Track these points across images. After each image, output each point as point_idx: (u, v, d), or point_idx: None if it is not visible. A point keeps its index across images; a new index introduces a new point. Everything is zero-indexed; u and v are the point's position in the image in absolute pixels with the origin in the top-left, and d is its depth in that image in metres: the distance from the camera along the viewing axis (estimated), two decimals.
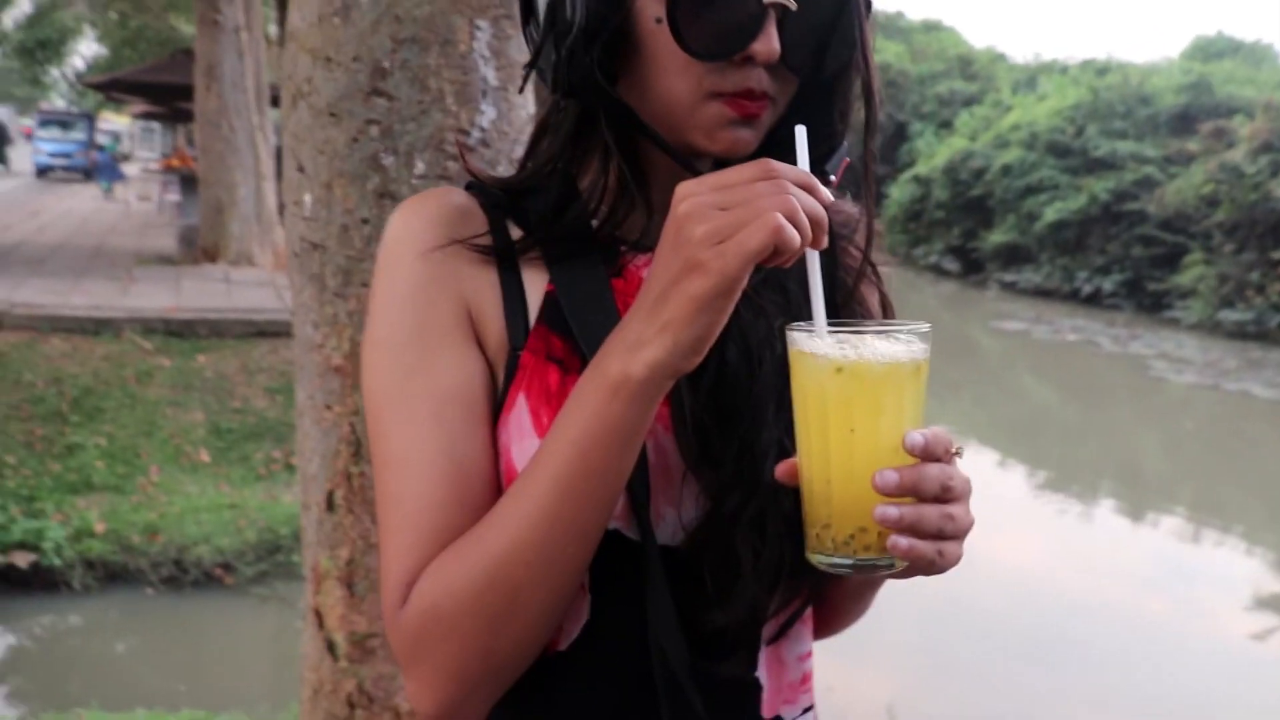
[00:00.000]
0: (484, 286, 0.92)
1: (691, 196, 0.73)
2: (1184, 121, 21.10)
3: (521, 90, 1.32)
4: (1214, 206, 18.54)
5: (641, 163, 0.93)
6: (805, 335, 0.77)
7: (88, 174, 31.13)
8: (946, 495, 0.76)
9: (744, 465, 0.87)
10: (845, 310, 0.99)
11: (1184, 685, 5.35)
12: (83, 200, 24.12)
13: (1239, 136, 18.71)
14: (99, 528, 5.31)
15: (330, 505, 1.47)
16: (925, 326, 0.78)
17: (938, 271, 24.40)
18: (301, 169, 1.44)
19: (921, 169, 26.38)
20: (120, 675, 4.70)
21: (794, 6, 0.84)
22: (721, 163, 0.89)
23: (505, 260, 0.93)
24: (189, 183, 14.35)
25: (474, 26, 1.41)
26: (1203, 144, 19.62)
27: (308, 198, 1.43)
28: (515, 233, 0.95)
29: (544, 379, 0.89)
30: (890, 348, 0.76)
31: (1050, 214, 21.38)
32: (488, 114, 1.40)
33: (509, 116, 1.42)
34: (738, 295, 0.72)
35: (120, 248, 14.42)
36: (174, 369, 8.06)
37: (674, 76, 0.86)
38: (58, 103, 43.93)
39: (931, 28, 36.91)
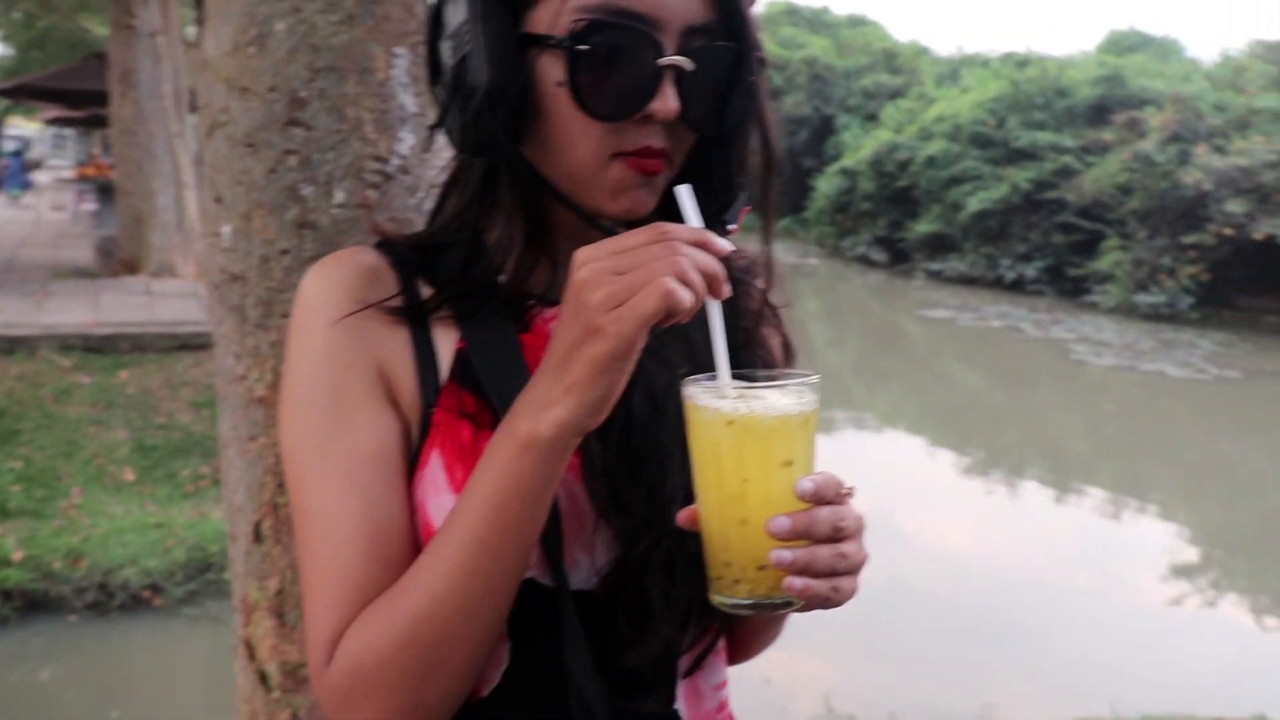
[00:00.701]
0: (396, 346, 0.94)
1: (589, 262, 0.76)
2: (1099, 113, 21.56)
3: (428, 149, 1.33)
4: (1128, 194, 18.99)
5: (547, 217, 0.96)
6: (699, 390, 0.80)
7: None
8: (838, 535, 0.80)
9: (652, 510, 0.89)
10: (746, 354, 1.00)
11: (1110, 651, 5.54)
12: None
13: (1150, 127, 19.18)
14: (16, 555, 5.14)
15: (258, 536, 1.46)
16: (814, 378, 0.82)
17: (865, 262, 24.67)
18: (219, 199, 1.42)
19: (848, 162, 26.64)
20: (47, 707, 4.57)
21: (690, 66, 0.86)
22: (627, 225, 0.90)
23: (416, 319, 0.95)
24: (106, 192, 14.03)
25: (391, 54, 1.40)
26: (1117, 134, 20.08)
27: (226, 228, 1.41)
28: (425, 290, 0.97)
29: (456, 435, 0.91)
30: (780, 400, 0.79)
31: (974, 204, 21.73)
32: (407, 141, 1.40)
33: (429, 143, 1.42)
34: (636, 356, 0.75)
35: (33, 261, 13.95)
36: (94, 386, 7.88)
37: (577, 138, 0.89)
38: None
39: (856, 22, 37.28)
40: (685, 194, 0.82)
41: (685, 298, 0.72)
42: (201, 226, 1.51)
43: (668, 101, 0.86)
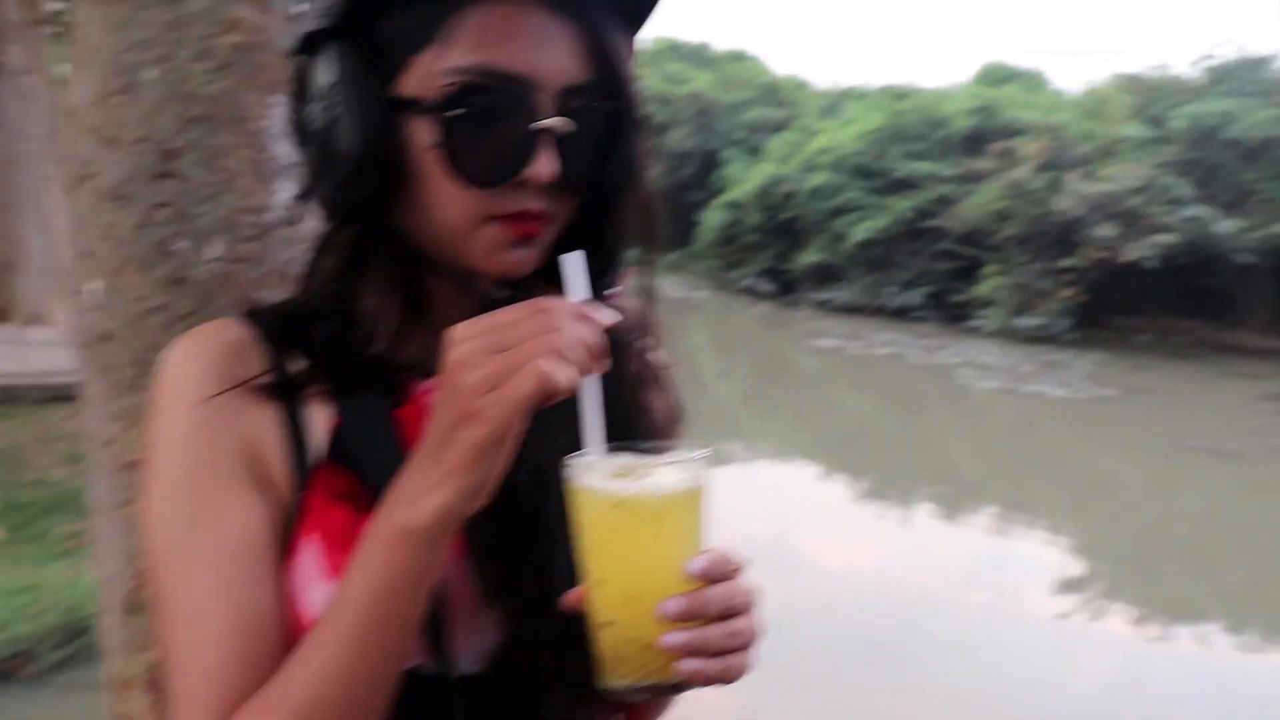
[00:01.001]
0: (265, 427, 0.89)
1: (464, 341, 0.72)
2: (975, 142, 22.23)
3: (295, 223, 1.28)
4: (1005, 221, 19.61)
5: (422, 285, 0.93)
6: (582, 469, 0.77)
7: None
8: (731, 613, 0.77)
9: (539, 589, 0.86)
10: (632, 420, 0.97)
11: (1005, 667, 5.66)
12: None
13: (1023, 156, 19.86)
14: None
15: (132, 607, 1.39)
16: (702, 452, 0.80)
17: (753, 294, 24.95)
18: (87, 254, 1.35)
19: (733, 195, 26.96)
20: None
21: (568, 129, 0.84)
22: (507, 283, 0.90)
23: (287, 397, 0.90)
24: None
25: (267, 103, 1.36)
26: (993, 163, 20.72)
27: (95, 285, 1.34)
28: (296, 364, 0.92)
29: (332, 519, 0.86)
30: (666, 478, 0.77)
31: (858, 233, 22.17)
32: (285, 192, 1.34)
33: None
34: (515, 439, 0.73)
35: None
36: None
37: (450, 201, 0.85)
38: None
39: (738, 57, 37.86)
40: (573, 263, 0.79)
41: (563, 378, 0.70)
42: (70, 283, 1.43)
43: (546, 165, 0.84)
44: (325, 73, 0.85)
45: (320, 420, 0.90)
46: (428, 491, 0.73)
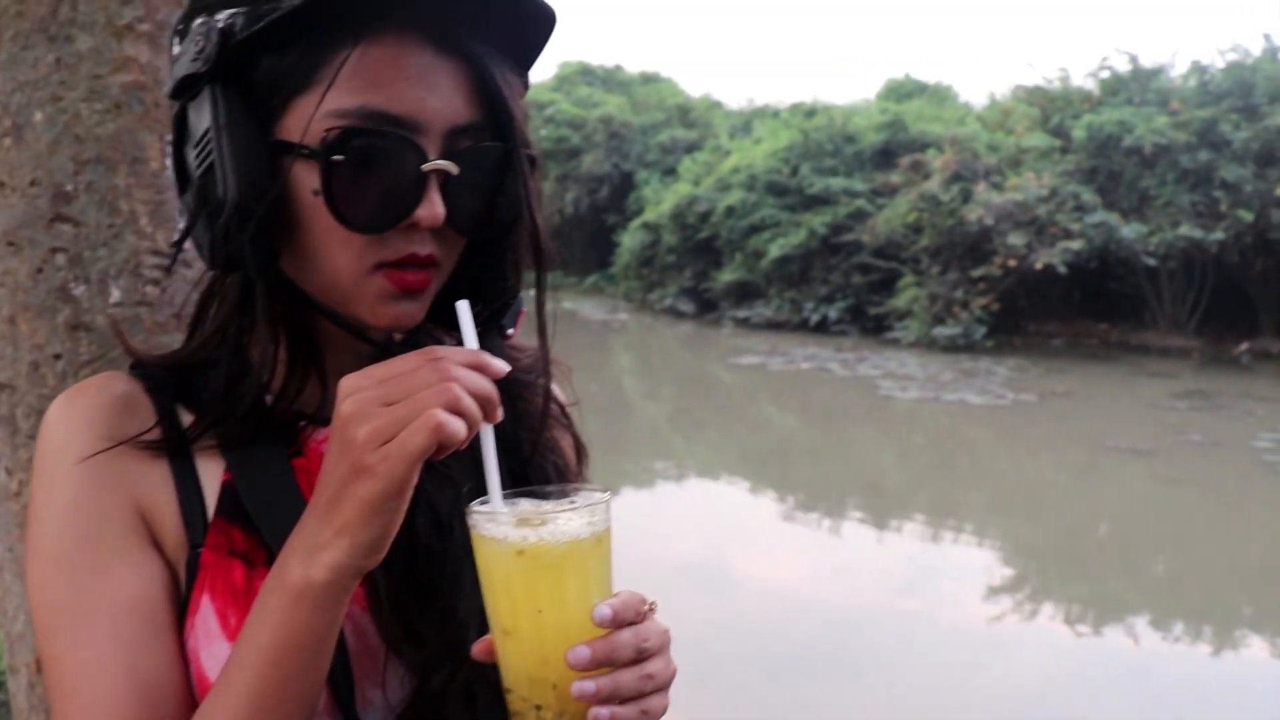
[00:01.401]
0: (155, 483, 0.87)
1: (354, 393, 0.71)
2: (885, 157, 22.64)
3: (170, 271, 1.24)
4: (919, 233, 19.97)
5: (313, 331, 0.91)
6: (484, 518, 0.76)
7: None
8: (642, 656, 0.76)
9: (447, 638, 0.85)
10: (535, 461, 0.97)
11: (943, 670, 5.72)
12: None
13: (933, 168, 20.25)
14: None
15: (42, 667, 1.34)
16: (605, 495, 0.79)
17: (674, 314, 25.05)
18: None
19: (650, 216, 27.10)
20: None
21: (455, 170, 0.83)
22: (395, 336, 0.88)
23: (177, 451, 0.88)
24: None
25: (165, 142, 1.32)
26: (904, 177, 21.09)
27: None
28: (187, 417, 0.89)
29: (228, 576, 0.84)
30: (569, 524, 0.76)
31: (774, 250, 22.39)
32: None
33: None
34: (409, 494, 0.71)
35: None
36: None
37: (335, 249, 0.83)
38: None
39: (650, 79, 38.14)
40: (464, 311, 0.79)
41: (457, 429, 0.68)
42: None
43: (433, 209, 0.82)
44: (203, 116, 0.82)
45: (213, 474, 0.88)
46: (323, 548, 0.71)
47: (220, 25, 0.80)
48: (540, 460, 0.98)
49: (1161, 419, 12.63)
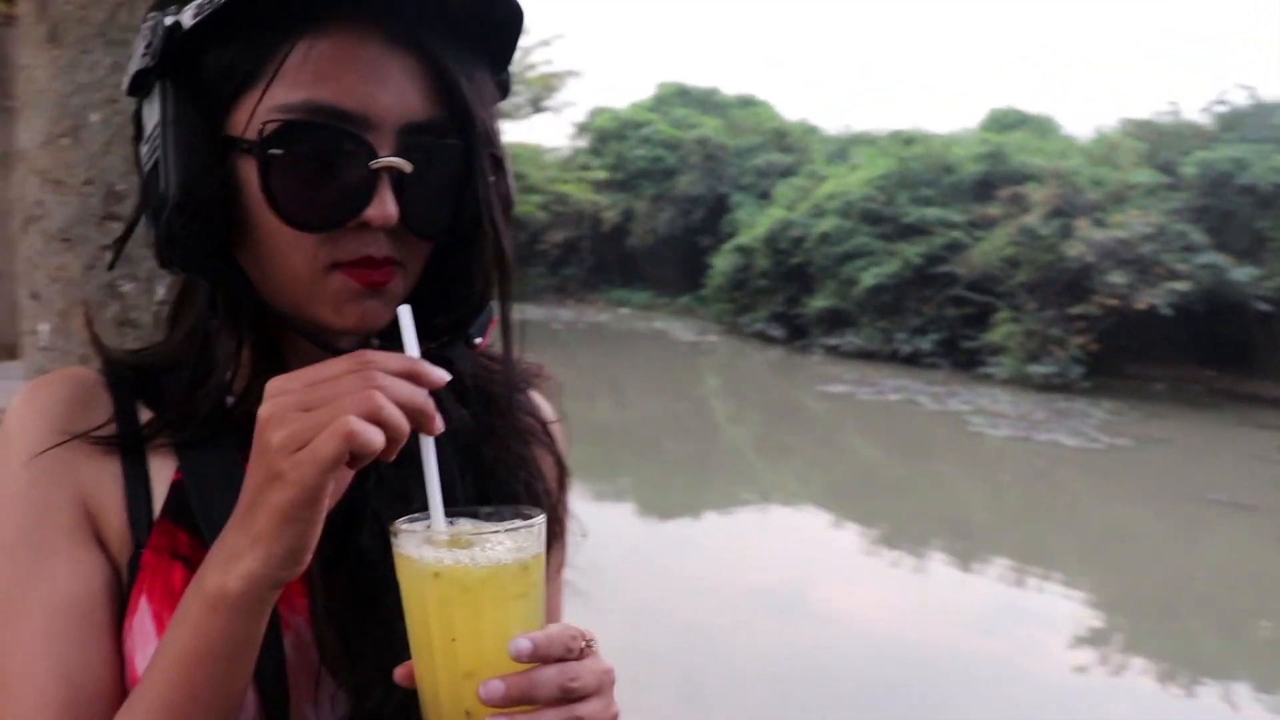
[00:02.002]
0: (105, 480, 0.85)
1: (277, 396, 0.68)
2: (984, 188, 22.29)
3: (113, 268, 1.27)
4: (1016, 267, 19.59)
5: (277, 334, 0.88)
6: (406, 535, 0.72)
7: None
8: (570, 696, 0.71)
9: (385, 658, 0.80)
10: (508, 478, 0.94)
11: (1021, 718, 5.57)
12: None
13: (1033, 202, 19.87)
14: None
15: None
16: (538, 518, 0.74)
17: (763, 338, 24.99)
18: (36, 296, 1.34)
19: (743, 239, 27.08)
20: None
21: (408, 168, 0.79)
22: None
23: (130, 449, 0.86)
24: None
25: None
26: (1002, 209, 20.75)
27: (44, 327, 1.34)
28: (147, 415, 0.88)
29: (168, 579, 0.82)
30: (494, 549, 0.71)
31: (867, 279, 22.19)
32: None
33: None
34: (325, 504, 0.68)
35: None
36: None
37: (288, 249, 0.80)
38: None
39: (747, 102, 38.14)
40: (405, 315, 0.75)
41: (371, 438, 0.65)
42: (21, 325, 1.40)
43: (384, 208, 0.79)
44: (153, 112, 0.80)
45: (164, 474, 0.86)
46: (239, 556, 0.69)
47: (168, 20, 0.79)
48: (506, 477, 0.95)
49: (1269, 473, 12.16)
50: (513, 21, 0.84)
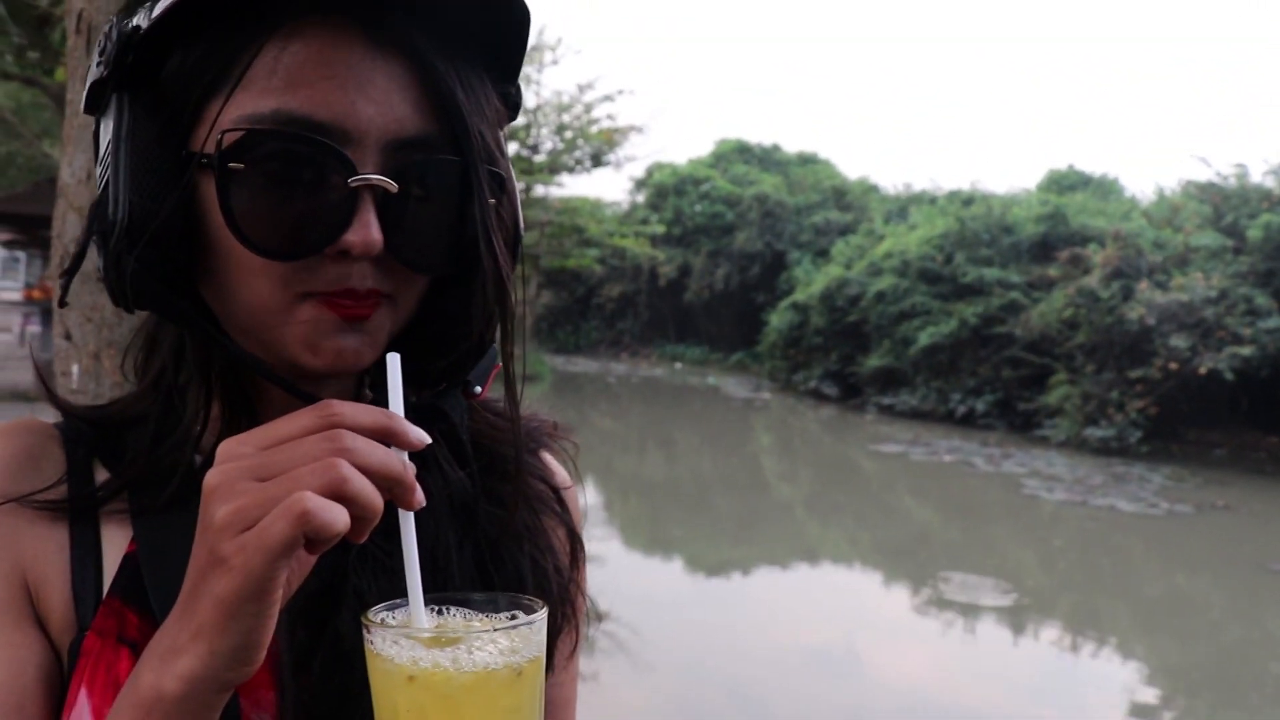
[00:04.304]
0: (50, 550, 0.74)
1: (226, 461, 0.58)
2: (1043, 249, 22.09)
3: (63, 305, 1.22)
4: (1074, 329, 19.32)
5: (250, 383, 0.78)
6: (379, 629, 0.60)
7: None
8: None
9: None
10: (511, 552, 0.82)
11: None
12: None
13: (1093, 263, 19.62)
14: None
15: None
16: (539, 614, 0.63)
17: (817, 396, 24.81)
18: (69, 336, 1.32)
19: (799, 296, 27.01)
20: None
21: (393, 188, 0.69)
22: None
23: (81, 515, 0.76)
24: (50, 315, 13.97)
25: None
26: (1061, 270, 20.52)
27: (75, 368, 1.30)
28: (103, 475, 0.79)
29: (112, 668, 0.71)
30: (480, 651, 0.60)
31: (924, 338, 22.00)
32: None
33: None
34: (278, 595, 0.57)
35: None
36: None
37: (254, 277, 0.70)
38: None
39: (807, 160, 38.24)
40: (393, 364, 0.64)
41: (333, 520, 0.54)
42: (54, 366, 1.39)
43: (366, 232, 0.68)
44: (108, 129, 0.71)
45: (117, 545, 0.76)
46: (179, 653, 0.58)
47: (124, 25, 0.70)
48: (511, 550, 0.82)
49: None
50: (514, 22, 0.74)
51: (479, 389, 0.79)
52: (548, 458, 0.92)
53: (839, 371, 24.72)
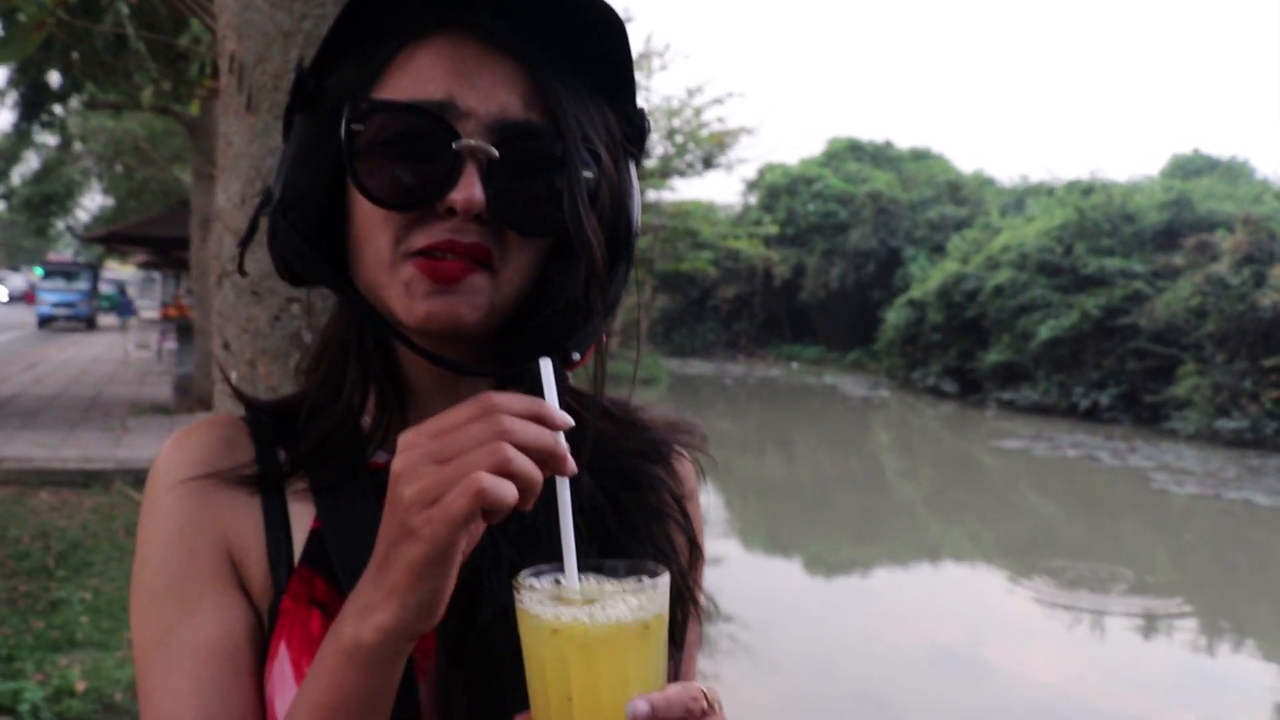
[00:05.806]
0: (247, 526, 0.87)
1: (407, 449, 0.68)
2: (1168, 237, 21.41)
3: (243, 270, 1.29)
4: (1203, 318, 18.68)
5: (398, 363, 0.89)
6: (526, 591, 0.70)
7: (90, 323, 33.20)
8: None
9: (512, 708, 0.78)
10: (636, 549, 0.90)
11: None
12: (83, 349, 24.33)
13: (1222, 250, 18.96)
14: (80, 686, 5.08)
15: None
16: (663, 577, 0.72)
17: (936, 393, 24.46)
18: (226, 346, 1.46)
19: (916, 293, 26.69)
20: None
21: (495, 154, 0.78)
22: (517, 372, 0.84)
23: (271, 493, 0.88)
24: (186, 331, 14.54)
25: None
26: (1187, 258, 19.87)
27: (232, 375, 1.45)
28: (285, 458, 0.90)
29: (306, 626, 0.83)
30: (614, 607, 0.69)
31: (1044, 332, 21.53)
32: None
33: None
34: (458, 559, 0.68)
35: (116, 397, 14.54)
36: None
37: (375, 230, 0.81)
38: (65, 254, 45.10)
39: (920, 155, 37.67)
40: (546, 368, 0.73)
41: (503, 494, 0.64)
42: (213, 374, 1.53)
43: (469, 190, 0.77)
44: (287, 148, 0.86)
45: (303, 521, 0.87)
46: (374, 608, 0.69)
47: (300, 64, 0.85)
48: (632, 550, 0.90)
49: None
50: (607, 26, 0.82)
51: (576, 356, 0.86)
52: (677, 465, 0.98)
53: (958, 368, 24.34)
